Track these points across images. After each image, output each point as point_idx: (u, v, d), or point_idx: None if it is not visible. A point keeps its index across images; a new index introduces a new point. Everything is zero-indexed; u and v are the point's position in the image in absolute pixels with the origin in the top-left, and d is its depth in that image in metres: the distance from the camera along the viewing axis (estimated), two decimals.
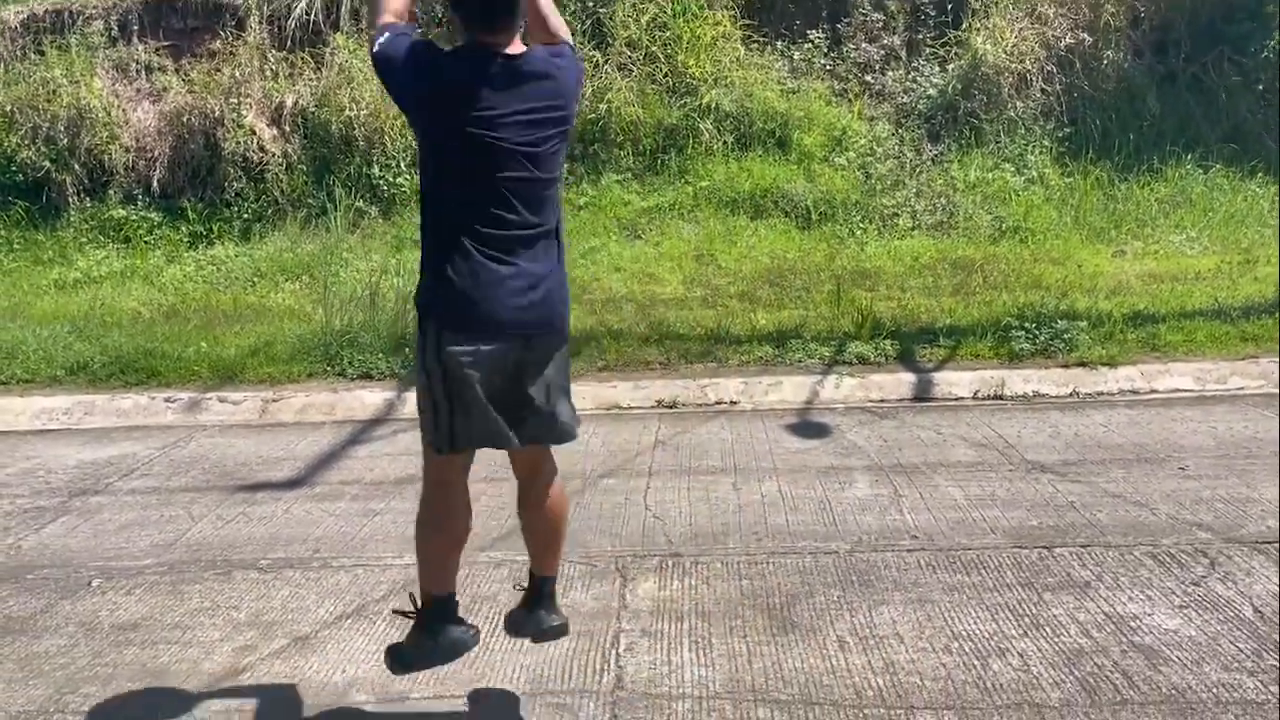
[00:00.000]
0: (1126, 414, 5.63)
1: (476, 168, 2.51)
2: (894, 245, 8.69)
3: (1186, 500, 4.36)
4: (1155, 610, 3.44)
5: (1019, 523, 4.21)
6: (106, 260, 9.20)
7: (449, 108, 2.49)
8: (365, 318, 7.01)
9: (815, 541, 4.11)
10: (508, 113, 2.50)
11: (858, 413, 5.89)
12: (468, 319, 2.55)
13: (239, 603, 3.76)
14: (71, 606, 3.77)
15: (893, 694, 3.01)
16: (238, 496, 4.84)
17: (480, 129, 2.48)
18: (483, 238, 2.53)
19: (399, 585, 3.83)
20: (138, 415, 6.21)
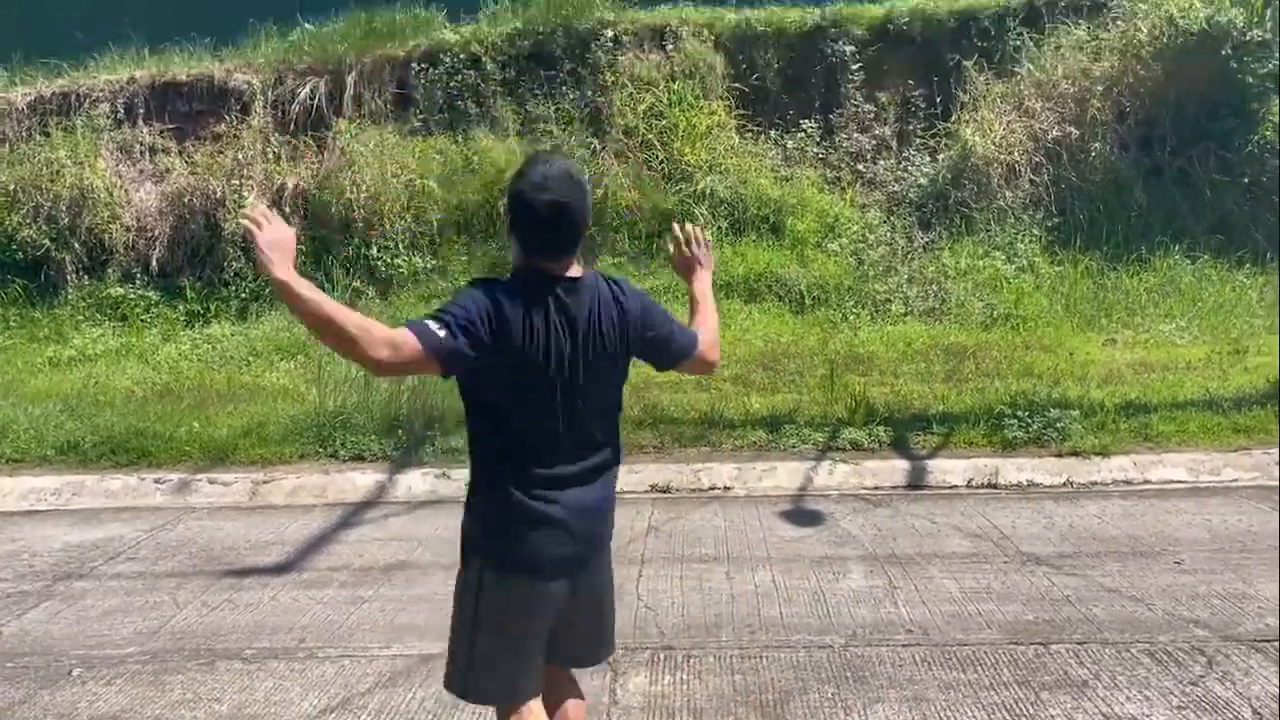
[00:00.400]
0: (1120, 504, 5.62)
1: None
2: (887, 330, 8.76)
3: (1183, 596, 4.32)
4: (1154, 711, 3.38)
5: (1014, 617, 4.16)
6: (102, 338, 9.24)
7: (514, 348, 2.31)
8: (359, 399, 7.01)
9: (809, 635, 4.06)
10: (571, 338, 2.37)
11: (851, 500, 5.86)
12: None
13: (221, 695, 3.69)
14: (50, 697, 3.70)
15: None
16: (224, 582, 4.78)
17: (544, 358, 2.33)
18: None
19: (385, 677, 3.77)
20: (126, 496, 6.16)
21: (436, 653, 3.93)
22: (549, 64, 10.71)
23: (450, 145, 10.35)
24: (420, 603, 4.45)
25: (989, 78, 10.49)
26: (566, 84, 10.58)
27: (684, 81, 10.46)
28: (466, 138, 10.40)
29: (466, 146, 10.33)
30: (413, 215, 9.84)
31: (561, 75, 10.63)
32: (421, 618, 4.29)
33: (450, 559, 4.89)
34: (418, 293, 9.58)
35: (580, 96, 10.52)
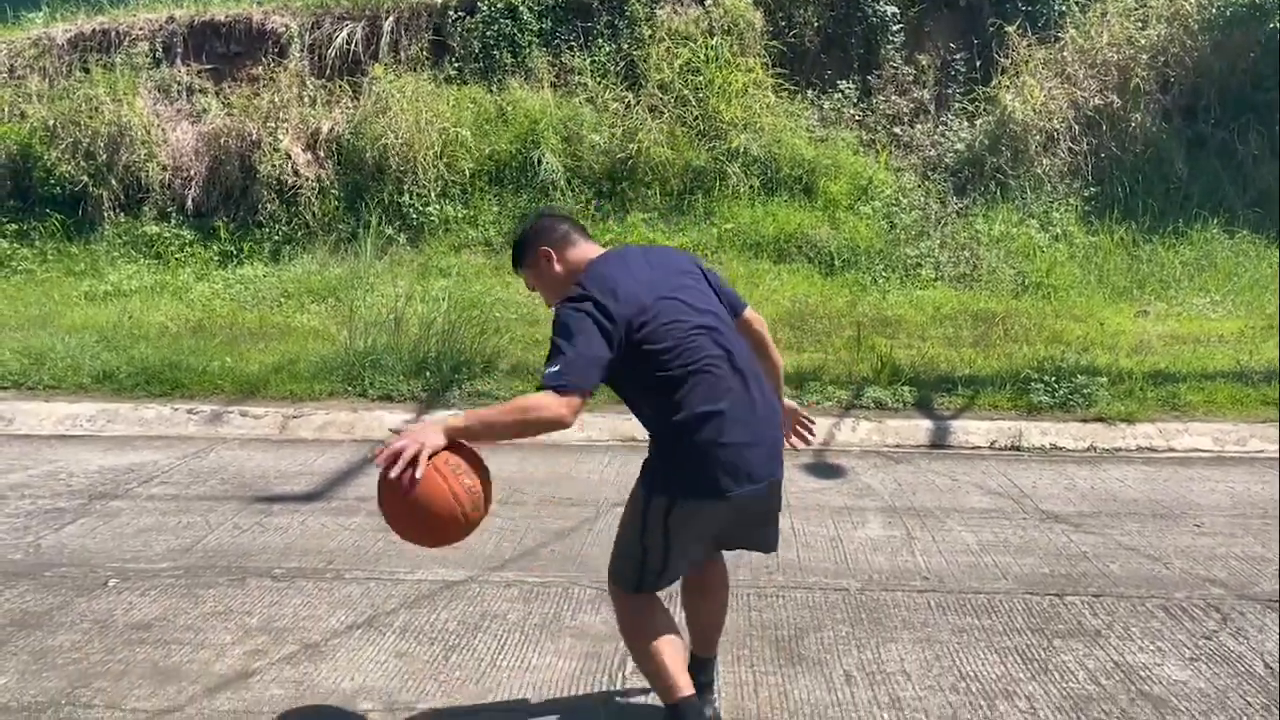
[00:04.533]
0: (1143, 470, 5.62)
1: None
2: (916, 295, 8.74)
3: (1200, 556, 4.34)
4: (1165, 661, 3.42)
5: (1031, 570, 4.20)
6: (137, 275, 9.36)
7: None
8: (389, 341, 7.09)
9: (825, 578, 4.11)
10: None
11: (873, 456, 5.90)
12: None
13: (252, 609, 3.79)
14: (87, 604, 3.81)
15: None
16: (255, 507, 4.89)
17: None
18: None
19: (410, 599, 3.86)
20: (160, 425, 6.29)
21: (459, 579, 4.04)
22: (586, 15, 10.68)
23: (484, 95, 10.36)
24: None
25: (1031, 43, 10.37)
26: (603, 36, 10.56)
27: (721, 37, 10.40)
28: (501, 88, 10.41)
29: (501, 96, 10.34)
30: (445, 163, 9.87)
31: (598, 27, 10.61)
32: (446, 548, 4.36)
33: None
34: (448, 241, 9.65)
35: (616, 49, 10.48)
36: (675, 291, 2.67)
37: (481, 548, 4.37)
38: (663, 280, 2.69)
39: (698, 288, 2.75)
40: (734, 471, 2.57)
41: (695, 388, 2.56)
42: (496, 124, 10.18)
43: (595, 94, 10.28)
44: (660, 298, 2.62)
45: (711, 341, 2.63)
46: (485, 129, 10.09)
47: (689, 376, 2.57)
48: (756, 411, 2.64)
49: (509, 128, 10.10)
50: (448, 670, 3.34)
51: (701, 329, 2.63)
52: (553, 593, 3.93)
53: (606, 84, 10.32)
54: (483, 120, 10.18)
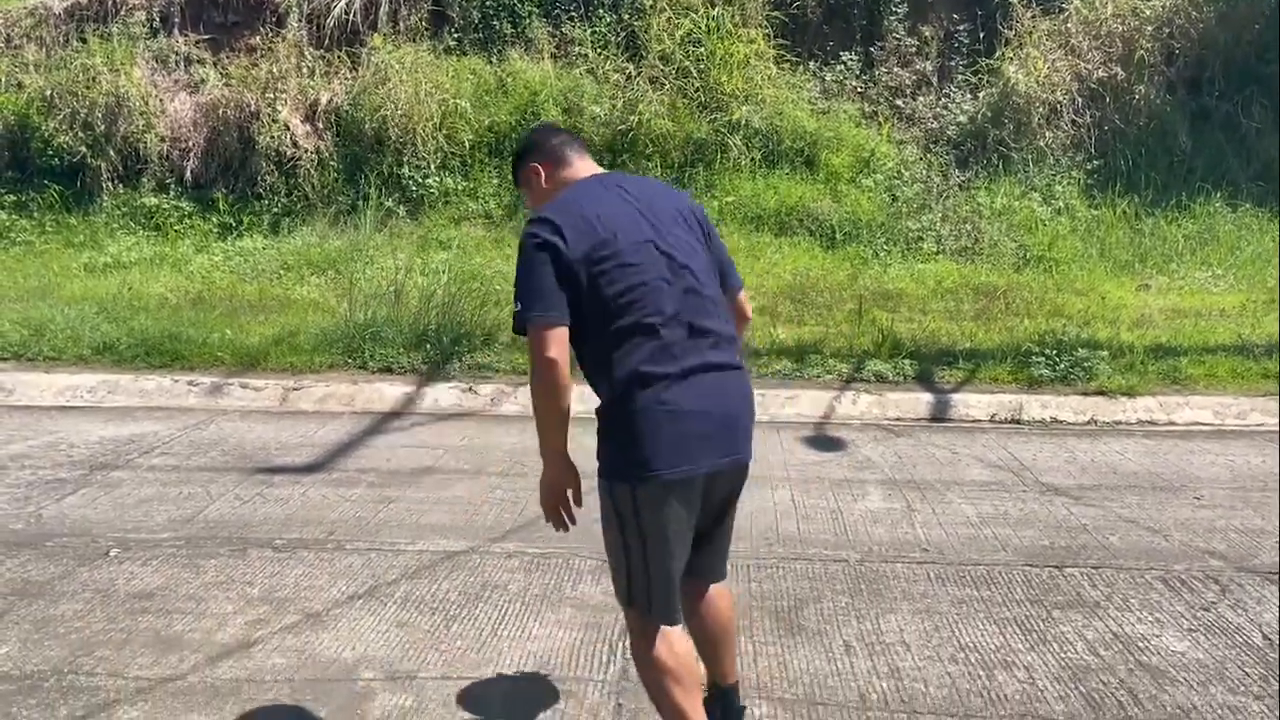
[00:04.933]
0: (1144, 443, 5.62)
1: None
2: (917, 268, 8.71)
3: (1200, 529, 4.35)
4: (1164, 632, 3.43)
5: (1031, 542, 4.21)
6: (136, 246, 9.33)
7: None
8: (389, 313, 7.08)
9: (825, 550, 4.12)
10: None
11: (874, 429, 5.90)
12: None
13: (253, 579, 3.80)
14: (89, 574, 3.83)
15: (897, 699, 3.02)
16: (256, 478, 4.90)
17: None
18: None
19: (411, 570, 3.87)
20: (160, 396, 6.29)
21: (460, 550, 4.05)
22: None
23: (484, 66, 10.28)
24: (445, 505, 4.55)
25: (1035, 14, 10.27)
26: (603, 6, 10.46)
27: (723, 8, 10.30)
28: (501, 58, 10.33)
29: (500, 67, 10.26)
30: (445, 135, 9.80)
31: None
32: (447, 519, 4.38)
33: (474, 467, 4.99)
34: (448, 213, 9.60)
35: (617, 20, 10.39)
36: (653, 235, 2.39)
37: (482, 519, 4.38)
38: (640, 219, 2.40)
39: (685, 237, 2.45)
40: (688, 442, 2.31)
41: (643, 345, 2.30)
42: (496, 95, 10.11)
43: (596, 65, 10.20)
44: (631, 239, 2.35)
45: (677, 297, 2.35)
46: (485, 100, 10.02)
47: (638, 330, 2.30)
48: (726, 386, 2.38)
49: (509, 99, 10.03)
50: (449, 640, 3.35)
51: (667, 281, 2.35)
52: (553, 564, 3.94)
53: (607, 55, 10.24)
54: (482, 91, 10.10)
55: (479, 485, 4.80)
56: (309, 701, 2.97)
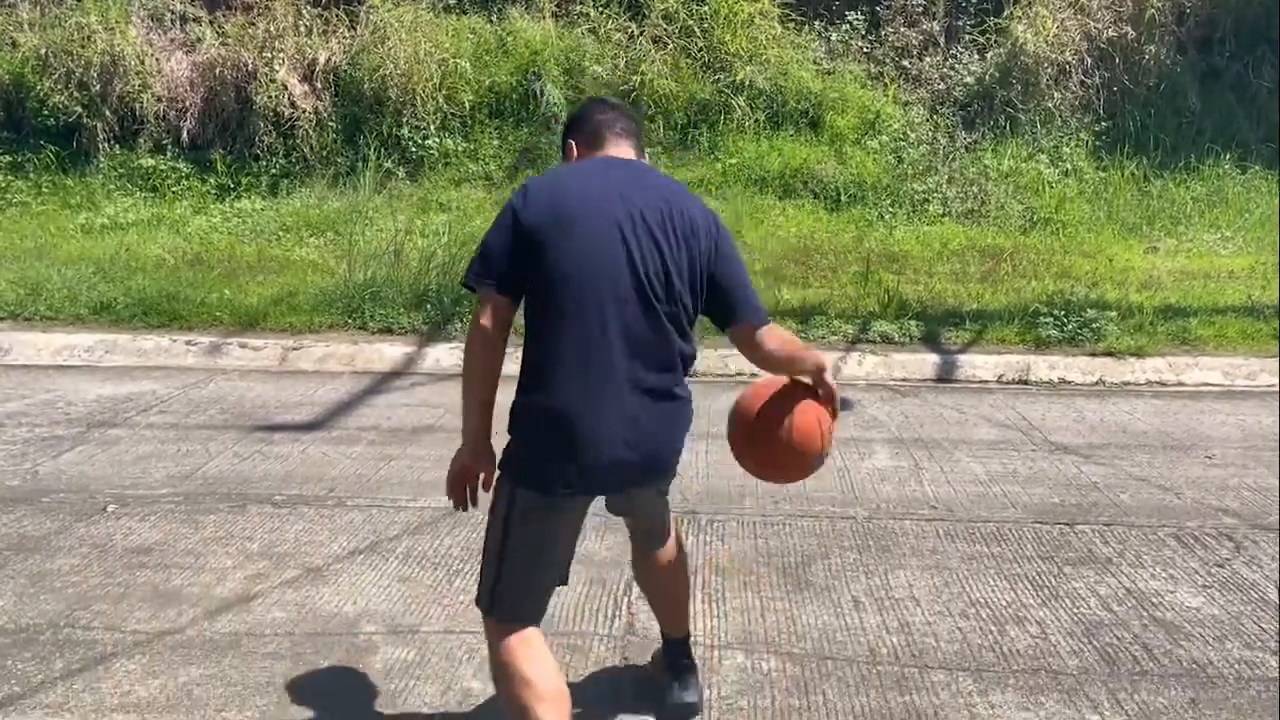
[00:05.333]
0: (1153, 404, 5.56)
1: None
2: (923, 230, 8.61)
3: (1212, 487, 4.29)
4: (1178, 588, 3.38)
5: (1040, 500, 4.15)
6: (134, 208, 9.21)
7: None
8: (388, 273, 6.99)
9: (832, 506, 4.07)
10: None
11: (880, 390, 5.84)
12: None
13: (252, 534, 3.75)
14: (86, 529, 3.77)
15: (907, 653, 2.97)
16: (255, 436, 4.84)
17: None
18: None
19: (412, 526, 3.82)
20: (158, 356, 6.22)
21: None
22: None
23: (484, 24, 10.11)
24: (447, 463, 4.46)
25: None
26: None
27: None
28: (501, 17, 10.17)
29: (501, 26, 10.10)
30: (445, 96, 9.67)
31: None
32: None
33: None
34: (448, 175, 9.48)
35: None
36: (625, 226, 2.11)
37: None
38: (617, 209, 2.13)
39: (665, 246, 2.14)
40: (566, 456, 2.09)
41: (557, 334, 2.09)
42: (497, 55, 9.95)
43: (597, 24, 10.04)
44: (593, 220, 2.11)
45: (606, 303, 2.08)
46: (485, 60, 9.87)
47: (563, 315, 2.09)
48: (625, 400, 2.11)
49: (509, 59, 9.88)
50: (451, 594, 3.30)
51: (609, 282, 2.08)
52: None
53: (609, 13, 10.07)
54: (482, 51, 9.94)
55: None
56: (310, 655, 2.93)
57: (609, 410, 2.10)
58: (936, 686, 2.80)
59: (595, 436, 2.09)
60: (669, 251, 2.15)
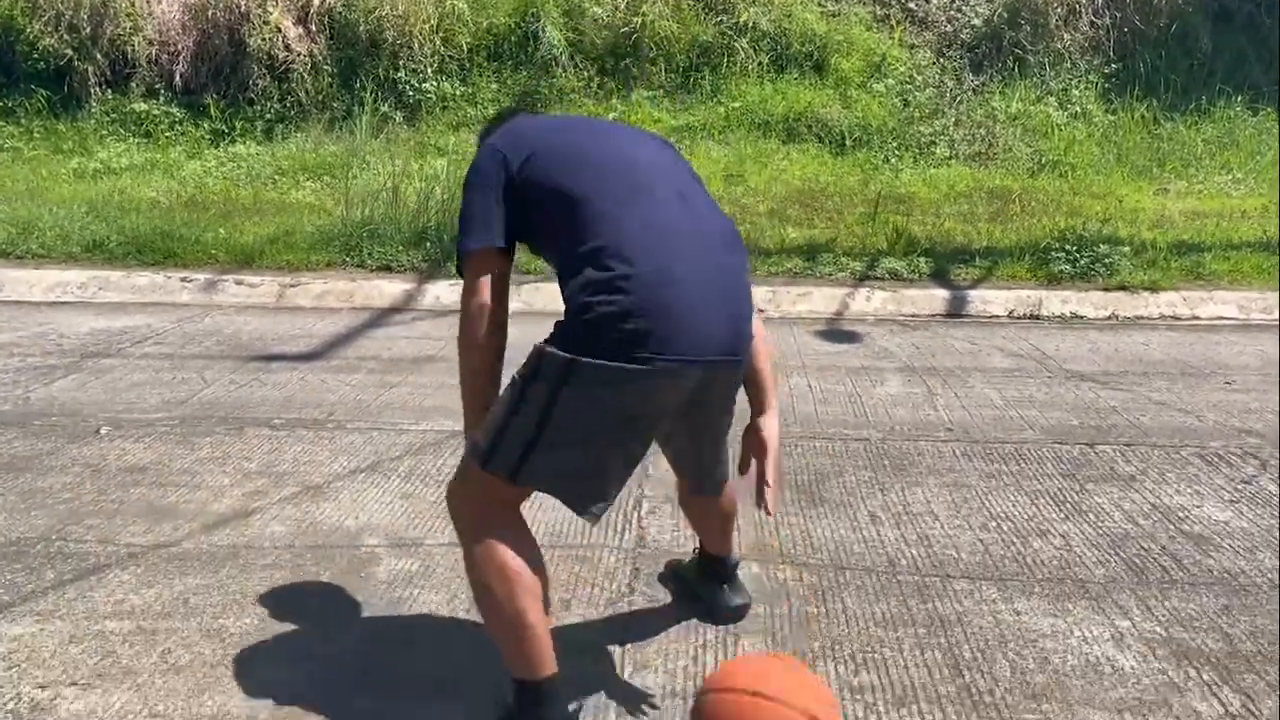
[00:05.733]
0: (1168, 335, 5.46)
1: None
2: (930, 173, 8.46)
3: (1234, 410, 4.19)
4: (1204, 503, 3.28)
5: (1058, 422, 4.05)
6: (127, 152, 9.04)
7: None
8: (386, 211, 6.85)
9: (845, 429, 3.96)
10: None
11: (889, 324, 5.73)
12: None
13: (250, 454, 3.64)
14: (78, 450, 3.66)
15: (927, 563, 2.88)
16: (252, 365, 4.73)
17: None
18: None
19: (414, 447, 3.71)
20: (153, 293, 6.09)
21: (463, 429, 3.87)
22: None
23: None
24: (449, 390, 4.35)
25: None
26: None
27: None
28: None
29: None
30: (442, 38, 9.47)
31: None
32: (451, 402, 4.21)
33: None
34: (446, 119, 9.31)
35: None
36: (623, 134, 2.18)
37: None
38: (604, 129, 2.19)
39: (665, 157, 2.15)
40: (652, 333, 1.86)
41: (614, 229, 1.92)
42: None
43: None
44: (594, 135, 2.13)
45: (655, 186, 2.01)
46: (483, 1, 9.66)
47: (602, 217, 1.93)
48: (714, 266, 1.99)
49: (507, 0, 9.67)
50: None
51: (642, 175, 2.02)
52: None
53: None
54: None
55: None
56: (310, 566, 2.83)
57: (697, 275, 1.93)
58: (959, 594, 2.70)
59: (689, 300, 1.90)
60: (672, 163, 2.16)
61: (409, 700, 2.23)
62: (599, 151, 2.07)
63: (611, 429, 1.96)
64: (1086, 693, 2.27)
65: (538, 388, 1.92)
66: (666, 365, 1.89)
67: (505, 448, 1.96)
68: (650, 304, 1.87)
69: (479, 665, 2.35)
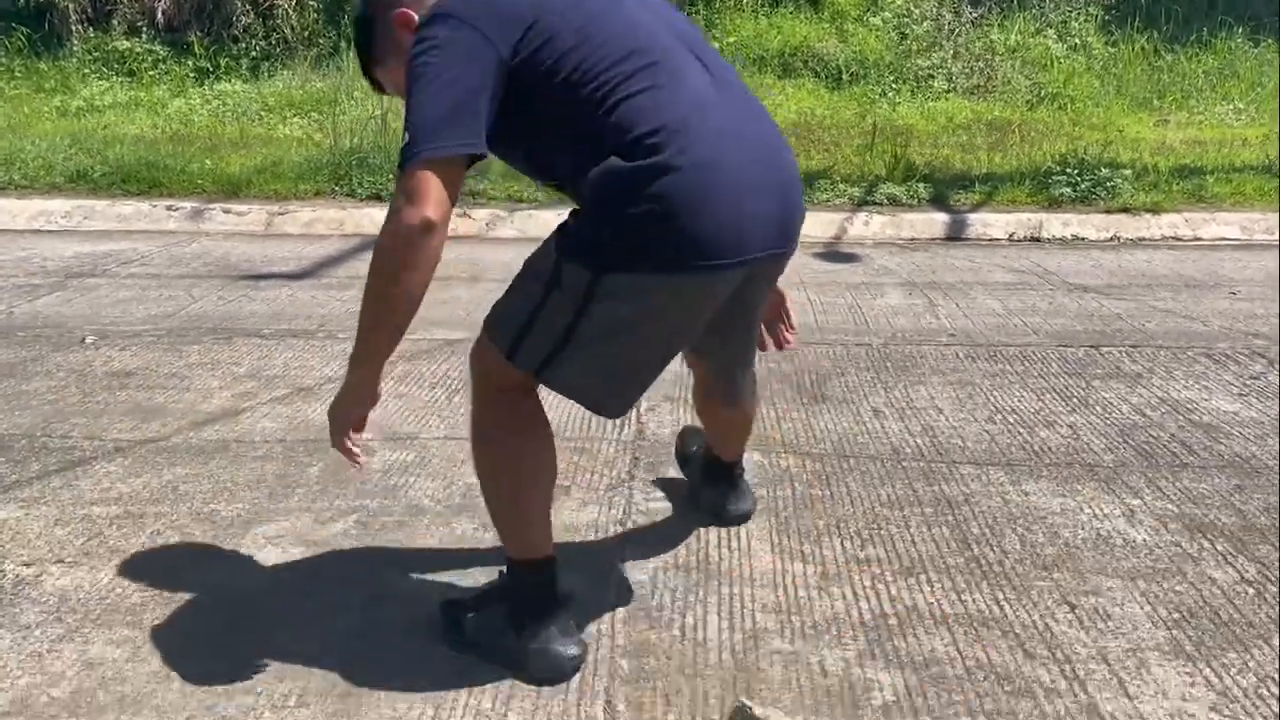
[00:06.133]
0: (1170, 254, 5.39)
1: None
2: (928, 106, 8.33)
3: (1240, 316, 4.13)
4: (1213, 397, 3.23)
5: (1063, 328, 3.99)
6: (110, 91, 8.86)
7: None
8: (375, 140, 6.73)
9: (846, 336, 3.90)
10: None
11: (888, 247, 5.64)
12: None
13: (240, 360, 3.57)
14: (63, 357, 3.58)
15: (933, 451, 2.82)
16: (241, 283, 4.64)
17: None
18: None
19: (409, 354, 3.63)
20: (139, 221, 5.97)
21: (461, 338, 3.81)
22: None
23: None
24: (442, 304, 4.27)
25: None
26: None
27: None
28: None
29: None
30: None
31: None
32: (445, 314, 4.13)
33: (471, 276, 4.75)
34: None
35: None
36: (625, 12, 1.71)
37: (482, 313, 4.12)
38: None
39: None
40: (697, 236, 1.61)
41: (633, 99, 1.61)
42: None
43: None
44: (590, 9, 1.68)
45: (671, 54, 1.68)
46: None
47: (620, 84, 1.62)
48: (761, 143, 1.73)
49: None
50: (451, 409, 3.14)
51: (640, 27, 1.69)
52: None
53: None
54: None
55: (478, 290, 4.53)
56: (302, 457, 2.76)
57: (744, 157, 1.67)
58: (966, 478, 2.65)
59: (738, 189, 1.64)
60: (690, 27, 1.81)
61: (404, 576, 2.17)
62: (613, 20, 1.68)
63: (646, 340, 1.75)
64: (1099, 563, 2.22)
65: (561, 300, 1.69)
66: (712, 268, 1.64)
67: (530, 347, 1.74)
68: (694, 199, 1.59)
69: (479, 543, 2.30)
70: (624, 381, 1.81)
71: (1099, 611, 2.03)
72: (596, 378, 1.78)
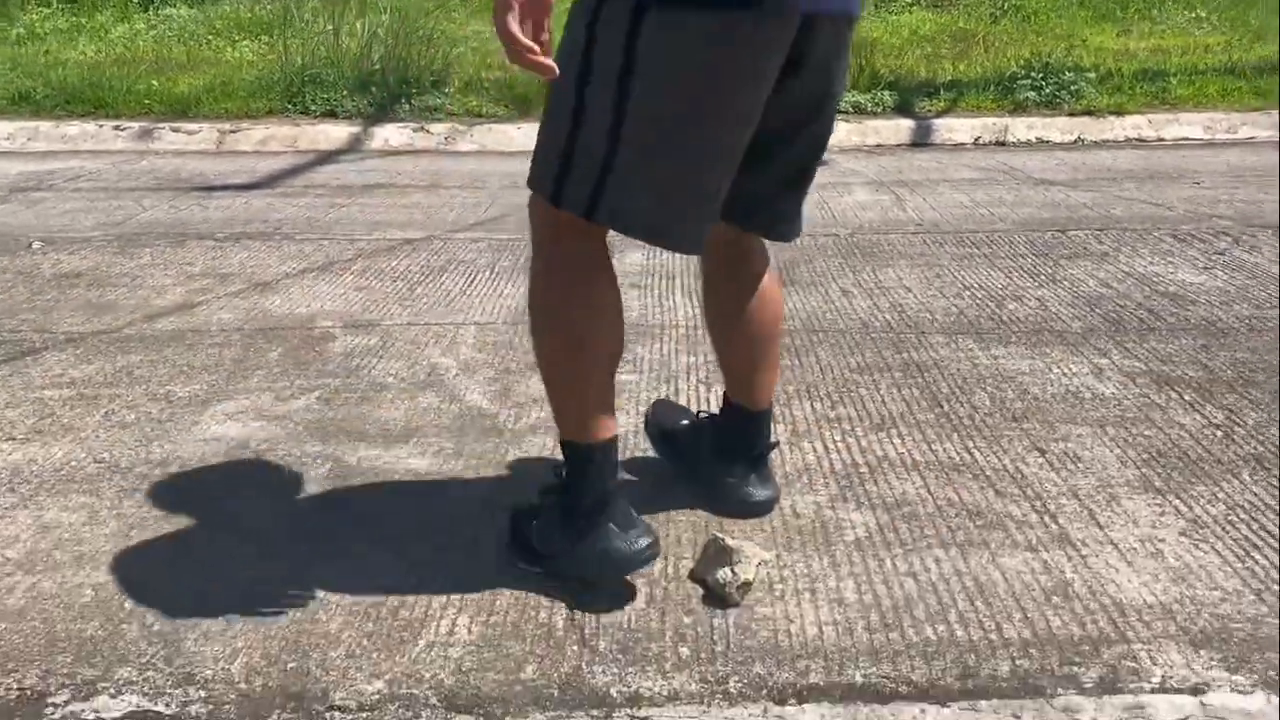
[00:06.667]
0: (1135, 153, 5.38)
1: None
2: (892, 19, 8.24)
3: (1204, 201, 4.14)
4: (1179, 270, 3.23)
5: (1029, 216, 3.97)
6: (50, 17, 8.56)
7: None
8: (329, 54, 6.55)
9: (814, 228, 3.85)
10: None
11: (853, 153, 5.59)
12: None
13: (194, 261, 3.47)
14: (9, 261, 3.47)
15: (901, 324, 2.80)
16: (193, 195, 4.51)
17: None
18: None
19: (367, 252, 3.56)
20: (85, 141, 5.79)
21: (420, 238, 3.73)
22: None
23: None
24: (402, 209, 4.21)
25: None
26: None
27: None
28: None
29: None
30: None
31: None
32: (404, 217, 4.06)
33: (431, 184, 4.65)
34: None
35: None
36: None
37: (443, 217, 4.06)
38: None
39: None
40: None
41: None
42: None
43: None
44: None
45: None
46: None
47: None
48: None
49: None
50: (414, 299, 3.07)
51: None
52: (521, 245, 3.63)
53: None
54: None
55: (437, 196, 4.45)
56: (261, 344, 2.69)
57: None
58: (935, 345, 2.63)
59: None
60: None
61: (365, 446, 2.13)
62: None
63: (700, 119, 1.44)
64: (1068, 413, 2.22)
65: (601, 91, 1.42)
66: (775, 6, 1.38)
67: (575, 181, 1.47)
68: None
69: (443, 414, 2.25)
70: (688, 193, 1.50)
71: (1069, 455, 2.02)
72: (653, 194, 1.47)
